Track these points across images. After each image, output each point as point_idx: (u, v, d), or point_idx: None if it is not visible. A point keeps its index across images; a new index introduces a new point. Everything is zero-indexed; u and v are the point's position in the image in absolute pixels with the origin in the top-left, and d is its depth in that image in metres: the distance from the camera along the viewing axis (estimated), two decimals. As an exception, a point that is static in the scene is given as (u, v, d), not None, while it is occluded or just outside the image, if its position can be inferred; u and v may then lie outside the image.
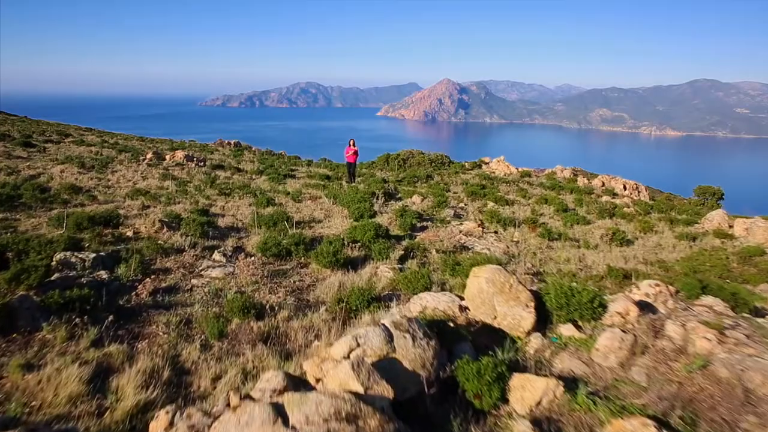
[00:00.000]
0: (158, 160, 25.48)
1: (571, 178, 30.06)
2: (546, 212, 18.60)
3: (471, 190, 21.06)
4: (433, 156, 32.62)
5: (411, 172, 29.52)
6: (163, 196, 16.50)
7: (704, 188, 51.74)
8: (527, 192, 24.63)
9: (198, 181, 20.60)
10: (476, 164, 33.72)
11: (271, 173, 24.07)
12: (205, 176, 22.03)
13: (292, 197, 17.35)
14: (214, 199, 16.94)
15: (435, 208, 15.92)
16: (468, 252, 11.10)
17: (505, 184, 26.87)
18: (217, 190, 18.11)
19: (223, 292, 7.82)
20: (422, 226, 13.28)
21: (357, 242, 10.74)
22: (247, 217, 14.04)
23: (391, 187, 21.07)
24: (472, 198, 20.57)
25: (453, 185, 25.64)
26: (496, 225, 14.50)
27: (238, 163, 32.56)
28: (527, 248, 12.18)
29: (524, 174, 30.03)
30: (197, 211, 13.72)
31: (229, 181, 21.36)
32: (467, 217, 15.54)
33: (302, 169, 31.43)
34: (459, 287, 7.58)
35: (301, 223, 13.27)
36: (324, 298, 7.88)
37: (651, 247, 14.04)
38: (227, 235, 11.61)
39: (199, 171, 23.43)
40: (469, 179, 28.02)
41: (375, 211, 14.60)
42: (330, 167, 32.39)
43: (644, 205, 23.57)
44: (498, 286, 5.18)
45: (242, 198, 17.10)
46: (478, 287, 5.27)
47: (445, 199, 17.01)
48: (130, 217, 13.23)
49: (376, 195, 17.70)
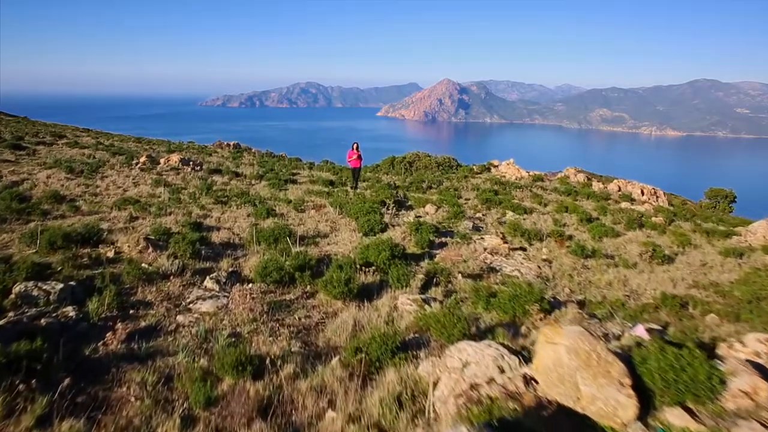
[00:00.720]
0: (152, 164, 24.10)
1: (585, 182, 28.67)
2: (569, 222, 17.22)
3: (485, 197, 19.68)
4: (440, 159, 31.26)
5: (418, 177, 28.13)
6: (154, 205, 15.13)
7: (716, 191, 50.32)
8: (543, 198, 23.27)
9: (193, 188, 19.24)
10: (485, 167, 32.35)
11: (271, 178, 22.70)
12: (201, 182, 20.66)
13: (294, 206, 15.98)
14: (210, 208, 15.56)
15: (451, 220, 14.52)
16: (497, 275, 9.74)
17: (518, 189, 25.50)
18: (213, 198, 16.73)
19: (215, 334, 6.44)
20: (441, 243, 11.90)
21: (371, 265, 9.36)
22: (245, 231, 12.67)
23: (401, 195, 19.70)
24: (487, 205, 19.20)
25: (464, 190, 24.28)
26: (520, 239, 13.12)
27: (237, 167, 31.19)
28: (561, 268, 10.81)
29: (536, 178, 28.66)
30: (189, 224, 12.34)
31: (227, 188, 19.99)
32: (487, 230, 14.15)
33: (304, 173, 30.07)
34: (502, 335, 6.18)
35: (306, 239, 11.89)
36: (336, 341, 6.49)
37: (696, 266, 12.65)
38: (222, 254, 10.25)
39: (195, 176, 22.06)
40: (480, 184, 26.66)
41: (386, 224, 13.22)
42: (333, 171, 31.03)
43: (667, 212, 22.20)
44: (583, 358, 3.79)
45: (240, 207, 15.72)
46: (556, 359, 3.88)
47: (461, 209, 15.58)
48: (114, 231, 11.86)
49: (387, 204, 16.32)
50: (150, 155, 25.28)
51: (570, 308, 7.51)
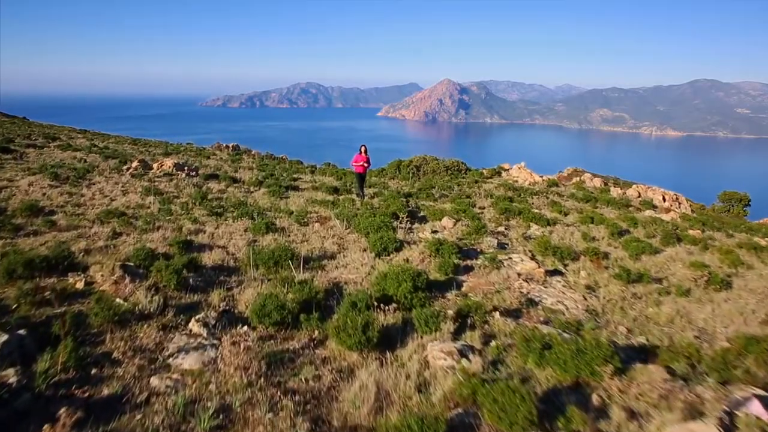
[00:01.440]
0: (144, 169, 22.59)
1: (602, 187, 27.15)
2: (598, 235, 15.67)
3: (504, 207, 18.15)
4: (449, 162, 29.75)
5: (427, 182, 26.62)
6: (142, 218, 13.62)
7: (729, 194, 48.80)
8: (562, 206, 21.76)
9: (186, 197, 17.73)
10: (495, 171, 30.84)
11: (271, 185, 21.19)
12: (195, 190, 19.16)
13: (297, 219, 14.47)
14: (203, 221, 14.06)
15: (473, 236, 12.98)
16: (538, 309, 8.23)
17: (534, 196, 23.99)
18: (208, 209, 15.21)
19: (197, 409, 4.92)
20: (466, 266, 10.38)
21: (390, 300, 7.85)
22: (241, 250, 11.17)
23: (413, 204, 18.19)
24: (506, 216, 17.68)
25: (477, 197, 22.78)
26: (553, 259, 11.61)
27: (236, 171, 29.68)
28: (608, 298, 9.29)
29: (551, 183, 27.14)
30: (178, 243, 10.83)
31: (223, 196, 18.48)
32: (513, 247, 12.62)
33: (306, 178, 28.56)
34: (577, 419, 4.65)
35: (310, 261, 10.38)
36: (356, 418, 4.97)
37: (761, 294, 11.08)
38: (213, 283, 8.75)
39: (189, 183, 20.56)
40: (493, 190, 25.16)
41: (400, 241, 11.71)
42: (336, 175, 29.51)
43: (695, 222, 20.68)
44: None
45: (237, 221, 14.21)
46: None
47: (483, 224, 13.98)
48: (92, 251, 10.37)
49: (399, 217, 14.79)
50: (142, 160, 23.78)
51: (647, 369, 5.97)
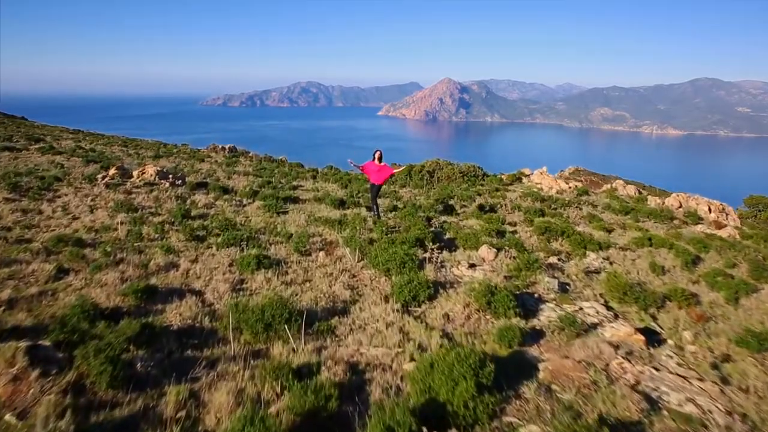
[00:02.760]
0: (123, 178, 19.75)
1: (638, 196, 24.29)
2: (666, 263, 12.76)
3: (542, 225, 15.28)
4: (464, 167, 26.92)
5: (443, 190, 23.77)
6: (101, 247, 10.77)
7: (756, 198, 45.85)
8: (602, 221, 18.93)
9: (166, 213, 14.88)
10: (515, 177, 28.01)
11: (267, 196, 18.29)
12: (178, 204, 16.30)
13: (296, 245, 11.62)
14: (180, 249, 11.21)
15: (523, 272, 10.10)
16: (661, 415, 5.41)
17: (565, 207, 21.17)
18: (187, 232, 12.33)
19: None
20: (533, 329, 7.52)
21: (441, 413, 5.01)
22: (222, 298, 8.37)
23: (436, 224, 15.31)
24: (546, 236, 14.82)
25: (503, 209, 19.94)
26: (636, 309, 8.75)
27: (229, 177, 26.82)
28: (753, 387, 6.44)
29: (581, 191, 24.30)
30: (136, 292, 8.02)
31: (210, 212, 15.61)
32: (576, 289, 9.71)
33: (307, 185, 25.70)
34: None
35: (314, 319, 7.55)
36: None
37: None
38: (173, 365, 5.95)
39: (172, 194, 17.68)
40: (519, 200, 22.33)
41: (433, 283, 8.85)
42: (341, 182, 26.62)
43: (758, 239, 17.84)
44: None
45: (222, 249, 11.37)
46: None
47: (534, 257, 10.93)
48: (19, 302, 7.60)
49: (425, 245, 11.92)
50: (122, 166, 20.89)
51: None
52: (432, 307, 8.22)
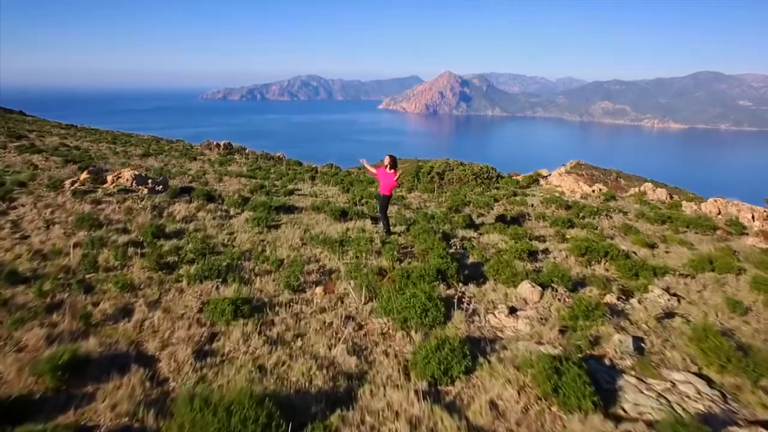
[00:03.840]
0: (94, 183, 17.40)
1: (671, 202, 21.93)
2: (744, 297, 10.36)
3: (581, 245, 12.92)
4: (477, 168, 24.57)
5: (455, 195, 21.43)
6: (36, 286, 8.44)
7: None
8: (639, 232, 16.61)
9: (136, 230, 12.55)
10: (532, 179, 25.66)
11: (258, 206, 15.93)
12: (153, 218, 13.97)
13: (287, 278, 9.30)
14: (140, 284, 8.90)
15: (581, 321, 7.73)
16: None
17: (595, 215, 18.85)
18: (155, 259, 9.98)
19: None
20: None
21: None
22: (181, 370, 6.09)
23: (457, 245, 12.93)
24: (587, 258, 12.49)
25: (528, 221, 17.62)
26: (746, 382, 6.43)
27: (220, 179, 24.49)
28: None
29: (607, 196, 21.96)
30: (56, 370, 5.72)
31: (187, 228, 13.26)
32: (654, 348, 7.37)
33: (305, 188, 23.36)
34: None
35: (306, 415, 5.24)
36: None
37: None
38: None
39: (148, 204, 15.32)
40: (542, 207, 20.00)
41: (469, 344, 6.53)
42: (342, 185, 24.25)
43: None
44: None
45: (193, 283, 9.06)
46: None
47: (596, 303, 8.39)
48: None
49: (448, 278, 9.58)
50: (96, 169, 18.52)
51: None
52: (471, 386, 5.91)
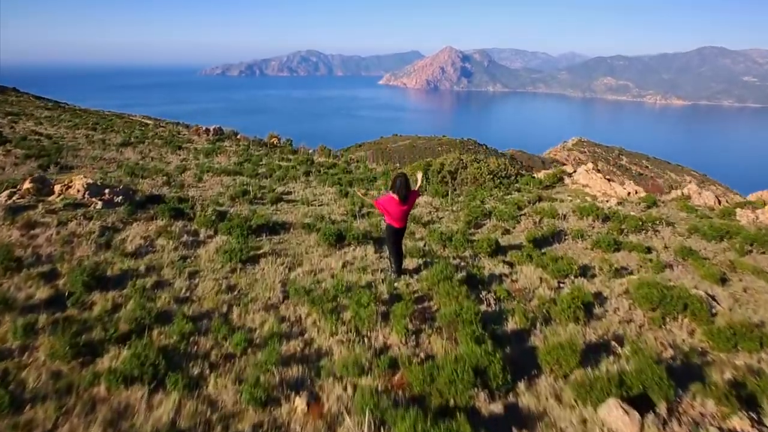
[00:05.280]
0: (39, 195, 14.34)
1: (722, 208, 18.85)
2: None
3: (650, 295, 9.87)
4: (493, 165, 21.48)
5: (471, 201, 18.38)
6: None
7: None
8: (700, 256, 13.60)
9: (66, 273, 9.53)
10: (556, 177, 22.57)
11: (236, 227, 12.82)
12: (96, 250, 10.91)
13: (251, 389, 6.29)
14: (34, 393, 5.94)
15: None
16: None
17: (640, 230, 15.83)
18: (69, 338, 6.96)
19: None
20: None
21: None
22: None
23: (491, 299, 9.85)
24: (659, 311, 9.47)
25: (565, 240, 14.56)
26: None
27: (201, 177, 21.39)
28: None
29: (648, 202, 18.90)
30: None
31: (137, 268, 10.19)
32: None
33: (297, 189, 20.24)
34: None
35: None
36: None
37: None
38: None
39: (98, 225, 12.26)
40: (571, 214, 16.97)
41: None
42: (339, 184, 21.12)
43: None
44: None
45: (115, 389, 6.08)
46: None
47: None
48: None
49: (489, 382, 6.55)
50: (39, 178, 15.40)
51: None
52: None
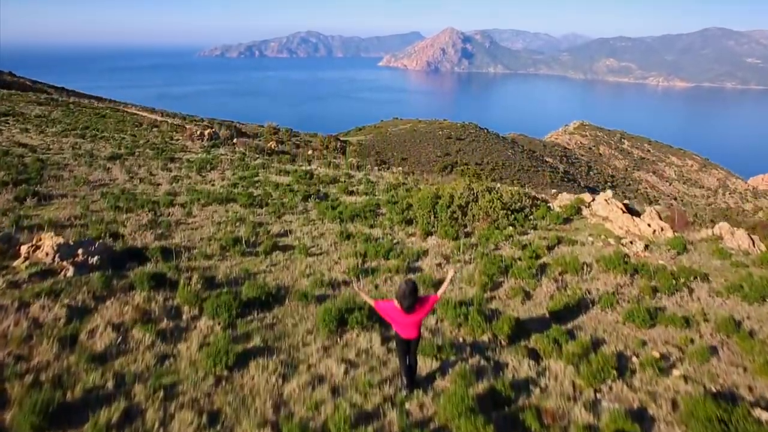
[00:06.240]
0: (3, 257, 12.78)
1: (762, 255, 17.29)
2: None
3: (698, 413, 8.36)
4: (507, 197, 19.93)
5: (485, 242, 16.81)
6: None
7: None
8: (745, 335, 12.09)
9: (16, 399, 8.00)
10: (573, 208, 21.01)
11: (222, 306, 11.19)
12: (58, 352, 9.36)
13: None
14: None
15: None
16: None
17: (674, 289, 14.30)
18: None
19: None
20: None
21: None
22: None
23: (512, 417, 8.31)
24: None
25: (590, 316, 13.01)
26: None
27: (189, 212, 19.79)
28: None
29: (676, 244, 17.35)
30: None
31: (105, 383, 8.64)
32: None
33: (296, 228, 18.59)
34: None
35: None
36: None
37: None
38: None
39: (63, 312, 10.67)
40: (595, 265, 15.43)
41: None
42: (341, 219, 19.51)
43: None
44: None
45: None
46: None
47: None
48: None
49: None
50: (5, 237, 13.78)
51: None
52: None
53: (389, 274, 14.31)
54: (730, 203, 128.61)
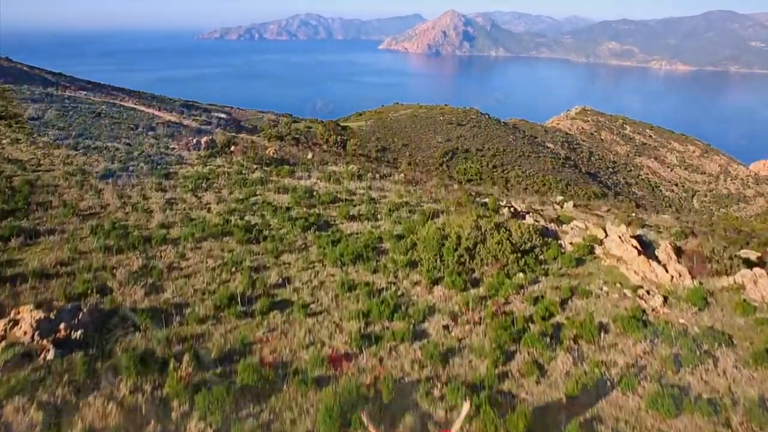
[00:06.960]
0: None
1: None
2: None
3: None
4: (516, 236, 19.01)
5: (495, 294, 15.92)
6: None
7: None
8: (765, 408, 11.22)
9: None
10: (587, 246, 20.08)
11: (217, 401, 10.36)
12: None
13: None
14: None
15: None
16: None
17: (694, 357, 13.44)
18: None
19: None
20: None
21: None
22: None
23: None
24: None
25: (609, 401, 12.13)
26: None
27: (182, 255, 18.80)
28: None
29: (698, 302, 16.44)
30: None
31: None
32: None
33: (294, 277, 17.62)
34: None
35: None
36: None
37: None
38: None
39: (42, 408, 9.81)
40: (611, 325, 14.56)
41: None
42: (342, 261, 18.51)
43: None
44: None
45: None
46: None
47: None
48: None
49: None
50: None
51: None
52: None
53: (394, 342, 13.43)
54: (731, 189, 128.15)
